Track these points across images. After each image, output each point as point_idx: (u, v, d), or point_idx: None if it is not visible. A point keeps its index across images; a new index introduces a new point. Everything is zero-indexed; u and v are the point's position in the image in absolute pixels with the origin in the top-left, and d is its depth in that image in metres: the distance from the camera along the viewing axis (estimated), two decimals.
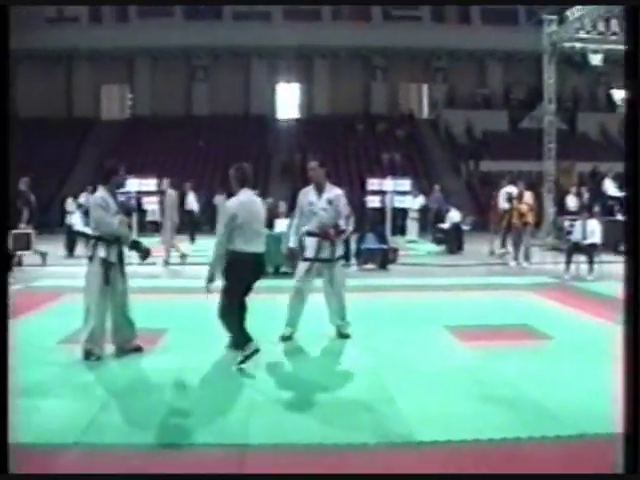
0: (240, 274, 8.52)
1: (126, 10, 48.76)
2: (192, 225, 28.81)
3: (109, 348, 8.87)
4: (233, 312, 8.54)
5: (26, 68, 50.06)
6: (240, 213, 8.50)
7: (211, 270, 8.57)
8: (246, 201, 8.67)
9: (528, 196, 19.86)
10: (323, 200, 9.81)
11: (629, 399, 3.73)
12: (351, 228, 10.13)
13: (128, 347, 8.88)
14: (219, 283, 8.56)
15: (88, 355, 8.51)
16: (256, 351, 8.21)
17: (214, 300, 8.53)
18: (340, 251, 10.06)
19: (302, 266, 9.88)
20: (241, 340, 8.41)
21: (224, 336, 8.77)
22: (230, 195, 9.09)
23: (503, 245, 21.55)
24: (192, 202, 29.31)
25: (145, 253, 9.39)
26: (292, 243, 9.96)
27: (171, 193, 20.32)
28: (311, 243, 9.81)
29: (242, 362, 8.14)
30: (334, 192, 10.00)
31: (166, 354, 9.05)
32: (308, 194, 9.93)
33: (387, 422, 6.25)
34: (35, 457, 5.45)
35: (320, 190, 9.89)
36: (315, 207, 9.80)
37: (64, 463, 5.38)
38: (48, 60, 50.03)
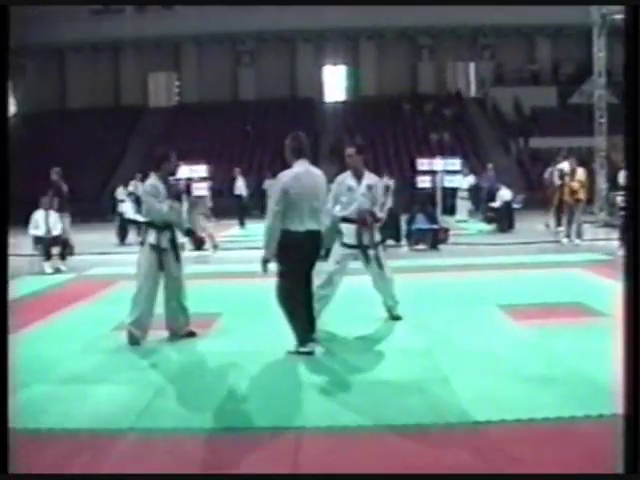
0: (294, 257, 7.92)
1: None
2: (241, 210, 28.92)
3: (163, 334, 8.95)
4: (290, 300, 8.06)
5: (73, 60, 50.81)
6: (293, 187, 7.83)
7: (265, 254, 7.97)
8: (301, 173, 7.99)
9: (580, 172, 19.62)
10: (363, 186, 9.58)
11: (629, 400, 3.67)
12: (384, 215, 9.80)
13: (181, 333, 8.95)
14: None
15: (131, 339, 8.63)
16: (309, 353, 7.91)
17: (266, 283, 8.52)
18: (379, 236, 9.85)
19: (339, 251, 9.65)
20: (298, 335, 8.03)
21: (277, 318, 8.76)
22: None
23: (558, 223, 21.33)
24: (241, 187, 29.43)
25: (198, 241, 9.44)
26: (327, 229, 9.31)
27: None
28: (349, 229, 9.56)
29: (293, 352, 7.97)
30: (373, 179, 9.82)
31: (220, 338, 9.10)
32: (346, 180, 9.65)
33: (441, 402, 6.22)
34: (92, 442, 5.50)
35: (359, 176, 9.63)
36: (355, 193, 9.53)
37: (121, 448, 5.42)
38: (95, 51, 50.67)
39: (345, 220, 9.58)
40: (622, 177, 25.61)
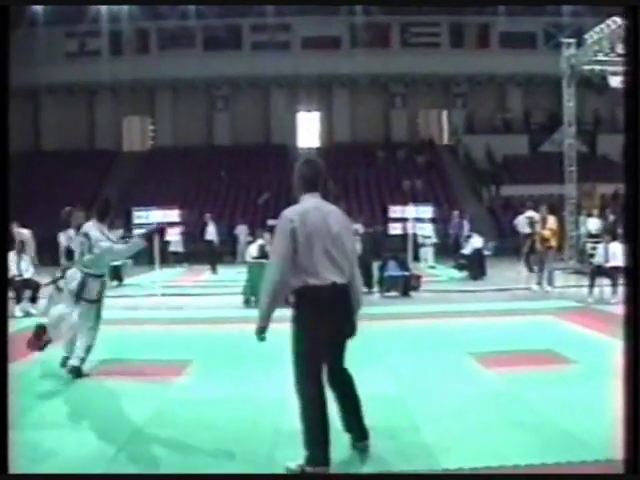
0: (311, 325, 5.79)
1: (147, 42, 49.40)
2: (212, 255, 28.89)
3: (133, 380, 8.91)
4: (307, 391, 5.81)
5: (48, 102, 50.79)
6: (302, 227, 5.72)
7: (261, 321, 5.93)
8: (310, 209, 5.87)
9: (552, 220, 19.81)
10: None
11: (629, 400, 3.70)
12: None
13: None
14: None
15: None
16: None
17: (237, 329, 8.52)
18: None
19: None
20: (308, 447, 5.69)
21: (248, 365, 8.73)
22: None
23: (530, 269, 21.48)
24: (212, 232, 29.43)
25: None
26: None
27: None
28: None
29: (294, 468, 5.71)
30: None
31: (191, 384, 9.08)
32: None
33: (411, 449, 6.23)
34: None
35: None
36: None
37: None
38: (70, 93, 50.61)
39: None
40: (592, 224, 25.88)
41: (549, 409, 7.42)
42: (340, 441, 6.15)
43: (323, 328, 5.76)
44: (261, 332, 5.90)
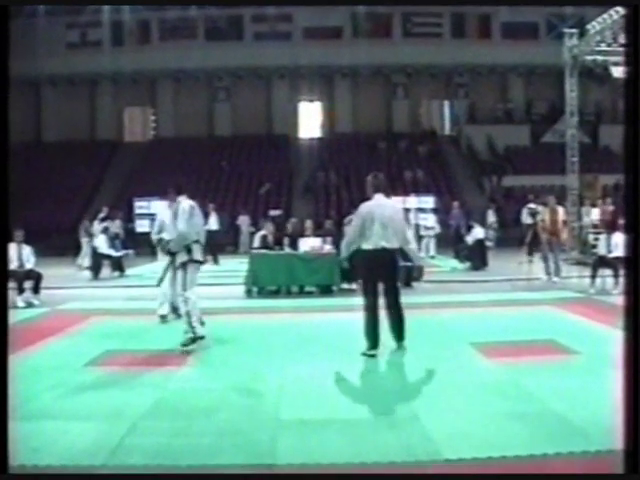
0: (365, 269, 10.01)
1: (148, 33, 49.28)
2: (214, 246, 28.83)
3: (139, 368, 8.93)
4: (366, 308, 9.92)
5: (49, 93, 50.72)
6: (368, 213, 9.89)
7: (343, 259, 10.43)
8: (374, 204, 10.03)
9: (561, 212, 19.82)
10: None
11: (629, 403, 3.70)
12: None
13: None
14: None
15: None
16: (371, 356, 9.65)
17: (240, 318, 8.53)
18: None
19: None
20: (366, 339, 9.82)
21: (251, 354, 8.73)
22: (365, 200, 10.37)
23: (530, 253, 21.50)
24: (214, 222, 29.39)
25: None
26: None
27: None
28: None
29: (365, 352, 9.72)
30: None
31: (193, 374, 9.11)
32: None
33: (413, 440, 6.22)
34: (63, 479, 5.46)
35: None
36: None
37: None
38: (71, 84, 50.56)
39: None
40: (593, 214, 25.87)
41: (551, 399, 7.41)
42: (348, 434, 6.14)
43: (371, 274, 9.96)
44: (344, 261, 10.61)
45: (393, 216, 10.01)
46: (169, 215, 11.24)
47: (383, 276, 9.93)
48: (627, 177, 3.87)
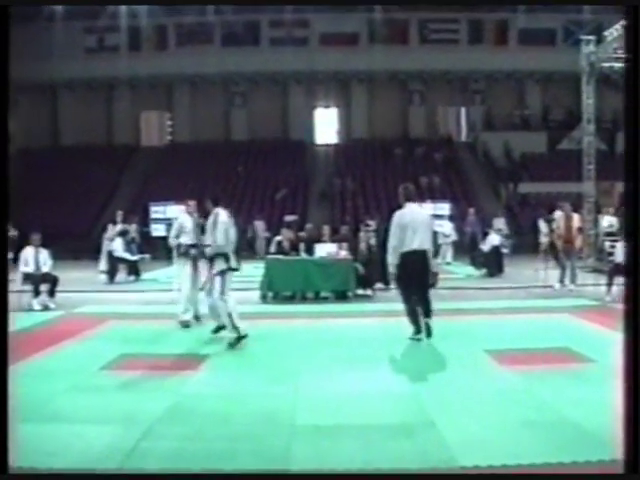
0: (401, 271, 11.40)
1: (165, 38, 49.43)
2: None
3: (152, 373, 8.94)
4: (405, 302, 11.63)
5: (67, 97, 50.96)
6: (401, 220, 11.40)
7: (391, 264, 11.47)
8: (406, 212, 11.58)
9: (576, 219, 19.75)
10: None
11: (629, 399, 3.69)
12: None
13: None
14: None
15: None
16: (417, 339, 11.32)
17: (255, 324, 8.55)
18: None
19: None
20: (413, 325, 11.52)
21: (264, 360, 8.73)
22: (394, 210, 11.97)
23: (545, 262, 21.43)
24: None
25: None
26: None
27: None
28: None
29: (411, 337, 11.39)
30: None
31: (208, 379, 9.11)
32: None
33: (428, 447, 6.21)
34: None
35: None
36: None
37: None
38: (89, 89, 50.79)
39: None
40: (605, 222, 25.77)
41: (565, 407, 7.39)
42: (362, 440, 6.13)
43: (407, 272, 11.36)
44: (392, 267, 11.52)
45: (423, 222, 11.62)
46: (209, 224, 11.72)
47: (417, 273, 11.41)
48: (627, 184, 3.88)
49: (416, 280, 11.49)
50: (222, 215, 11.60)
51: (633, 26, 3.89)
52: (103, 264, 23.33)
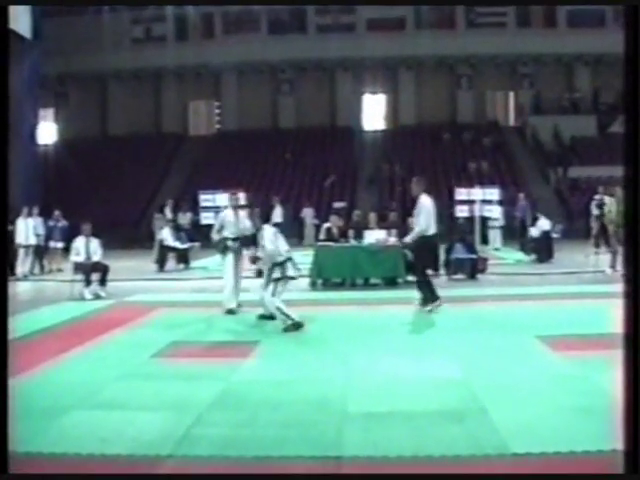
0: (425, 251, 13.71)
1: (211, 27, 49.54)
2: None
3: (202, 360, 8.99)
4: (423, 277, 13.40)
5: (115, 87, 51.38)
6: (425, 208, 13.11)
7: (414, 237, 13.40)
8: (428, 200, 13.32)
9: None
10: None
11: (629, 404, 3.65)
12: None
13: None
14: None
15: None
16: (439, 305, 12.94)
17: (304, 311, 8.54)
18: None
19: None
20: (429, 296, 13.05)
21: (315, 347, 8.73)
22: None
23: (597, 245, 21.19)
24: (279, 215, 29.51)
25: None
26: None
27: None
28: None
29: (430, 310, 12.85)
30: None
31: (259, 366, 9.13)
32: None
33: (479, 433, 6.17)
34: (130, 468, 5.51)
35: None
36: None
37: (159, 475, 5.45)
38: (136, 79, 51.15)
39: None
40: None
41: (620, 394, 7.29)
42: (413, 427, 6.12)
43: (430, 251, 14.10)
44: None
45: (435, 211, 13.49)
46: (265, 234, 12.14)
47: (435, 252, 14.78)
48: (627, 170, 3.82)
49: (433, 257, 14.80)
50: (267, 231, 12.19)
51: (633, 26, 3.83)
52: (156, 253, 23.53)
